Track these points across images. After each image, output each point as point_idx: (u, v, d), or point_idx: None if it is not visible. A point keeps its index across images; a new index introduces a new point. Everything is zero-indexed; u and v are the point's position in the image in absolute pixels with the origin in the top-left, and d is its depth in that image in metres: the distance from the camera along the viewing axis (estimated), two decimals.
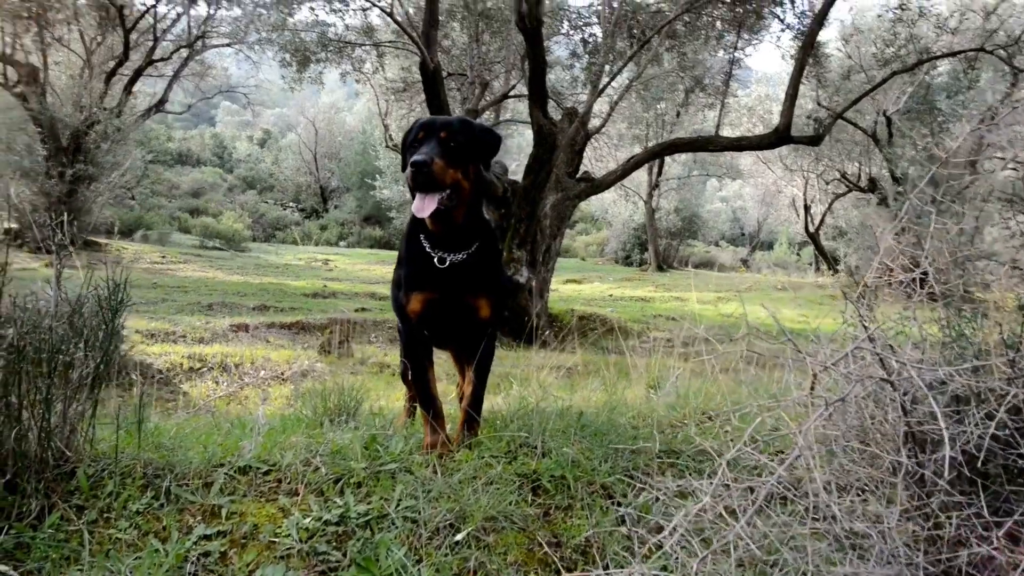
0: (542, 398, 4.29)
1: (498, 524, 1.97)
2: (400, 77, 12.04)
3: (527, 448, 2.52)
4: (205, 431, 2.67)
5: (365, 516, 1.90)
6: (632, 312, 12.52)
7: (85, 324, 2.04)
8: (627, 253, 31.51)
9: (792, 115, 8.29)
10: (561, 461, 2.37)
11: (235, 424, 2.81)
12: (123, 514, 1.84)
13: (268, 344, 7.03)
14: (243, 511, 1.90)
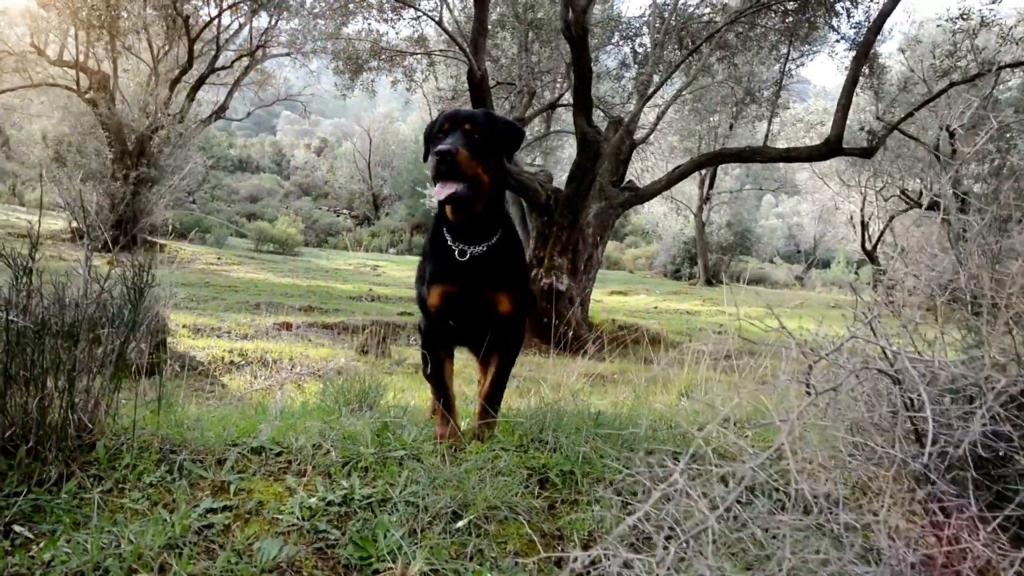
0: (565, 399, 4.28)
1: (501, 514, 1.97)
2: (450, 86, 12.20)
3: (539, 443, 2.51)
4: (227, 414, 2.74)
5: (368, 499, 1.92)
6: (675, 324, 12.36)
7: (112, 303, 2.12)
8: (676, 267, 31.15)
9: (844, 126, 8.10)
10: (571, 457, 2.35)
11: (257, 410, 2.88)
12: (137, 485, 1.90)
13: (309, 343, 7.18)
14: (251, 488, 1.94)
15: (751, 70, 11.06)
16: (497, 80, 11.64)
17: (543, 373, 6.58)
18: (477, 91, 8.56)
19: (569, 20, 7.70)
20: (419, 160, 29.79)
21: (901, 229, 25.65)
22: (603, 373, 6.83)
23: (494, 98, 11.36)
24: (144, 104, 16.35)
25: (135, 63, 17.26)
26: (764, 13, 8.87)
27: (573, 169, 8.61)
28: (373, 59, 11.19)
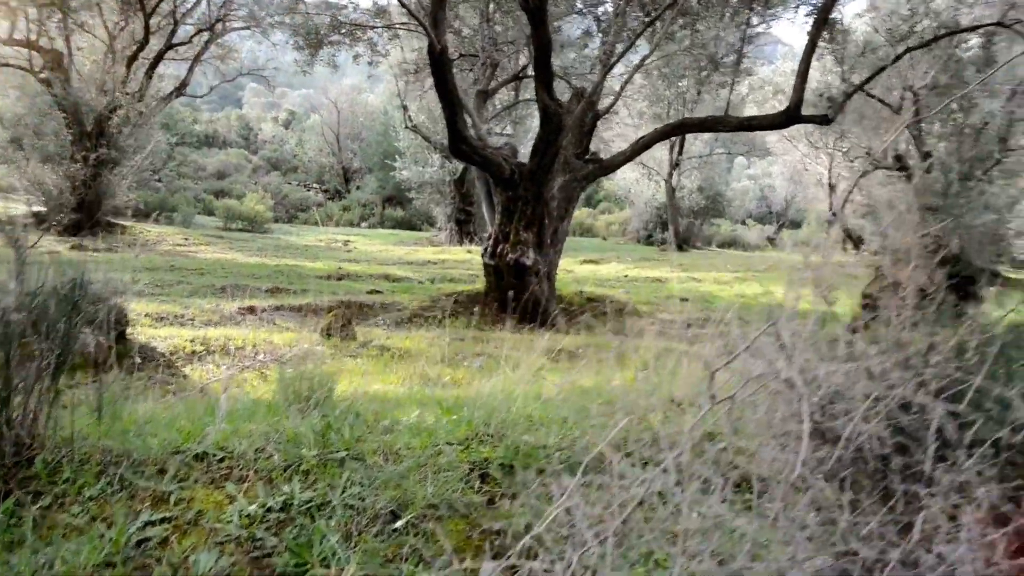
0: (523, 380, 4.33)
1: (440, 512, 2.02)
2: (412, 60, 12.03)
3: (484, 435, 2.57)
4: (174, 416, 2.76)
5: (308, 503, 1.96)
6: (645, 293, 12.48)
7: (45, 317, 2.11)
8: (649, 232, 31.27)
9: (803, 94, 8.15)
10: (511, 449, 2.41)
11: (207, 410, 2.89)
12: (77, 500, 1.92)
13: (274, 327, 7.16)
14: (192, 497, 1.97)
15: (716, 35, 11.04)
16: (460, 52, 11.50)
17: (508, 350, 6.64)
18: (438, 66, 8.45)
19: None
20: (389, 132, 29.44)
21: (870, 188, 25.96)
22: (569, 348, 6.91)
23: (457, 70, 11.24)
24: (101, 83, 15.92)
25: (90, 40, 16.76)
26: None
27: (536, 142, 8.59)
28: (333, 33, 11.00)
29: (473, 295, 9.16)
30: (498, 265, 8.85)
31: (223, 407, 2.46)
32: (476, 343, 7.18)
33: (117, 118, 15.67)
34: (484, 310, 8.84)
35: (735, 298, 12.72)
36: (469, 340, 7.35)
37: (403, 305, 8.77)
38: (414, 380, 5.20)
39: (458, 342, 7.26)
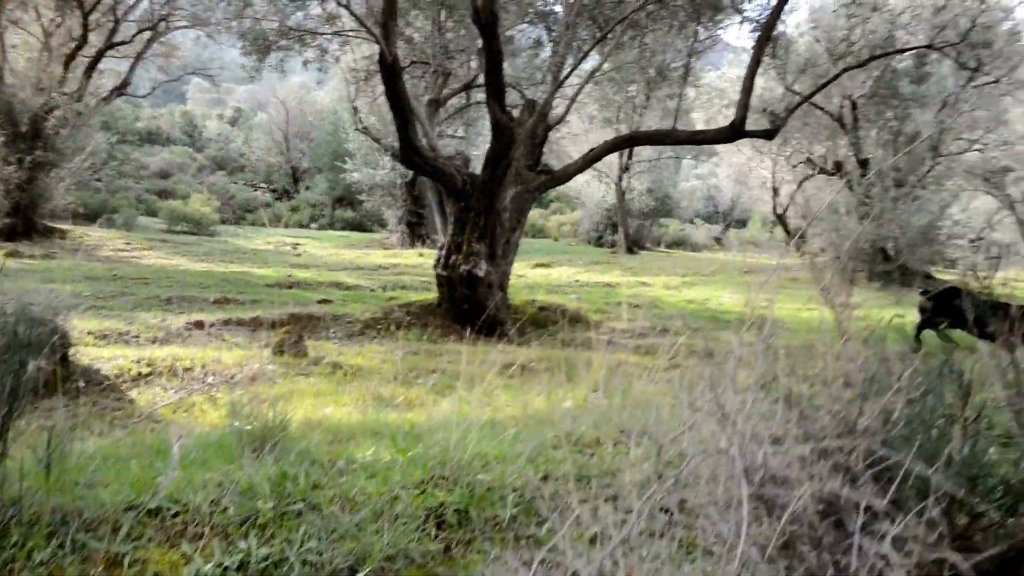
0: (480, 404, 4.38)
1: (397, 564, 2.06)
2: (363, 67, 11.93)
3: (439, 477, 2.61)
4: (125, 457, 2.73)
5: (265, 561, 1.97)
6: (596, 299, 12.65)
7: None
8: (599, 233, 31.62)
9: (747, 110, 8.39)
10: (465, 493, 2.46)
11: (158, 453, 2.86)
12: (27, 565, 1.90)
13: (223, 343, 7.05)
14: (146, 558, 1.96)
15: (662, 47, 11.26)
16: (411, 59, 11.46)
17: (461, 365, 6.67)
18: (389, 75, 8.43)
19: (478, 6, 7.65)
20: (339, 132, 29.06)
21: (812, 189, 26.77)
22: (522, 362, 6.97)
23: (408, 76, 11.20)
24: (37, 82, 15.35)
25: (24, 37, 16.13)
26: None
27: (488, 155, 8.64)
28: (282, 38, 10.84)
29: (425, 306, 9.17)
30: (450, 276, 8.87)
31: (176, 456, 2.45)
32: (429, 358, 7.19)
33: (54, 119, 15.12)
34: (437, 321, 8.86)
35: (683, 304, 13.01)
36: (422, 354, 7.37)
37: (354, 317, 8.71)
38: (368, 401, 5.20)
39: (411, 356, 7.26)
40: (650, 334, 9.18)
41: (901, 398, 1.71)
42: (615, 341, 8.83)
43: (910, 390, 1.70)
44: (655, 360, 7.27)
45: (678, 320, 10.20)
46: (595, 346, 8.36)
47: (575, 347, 8.59)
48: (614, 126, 23.62)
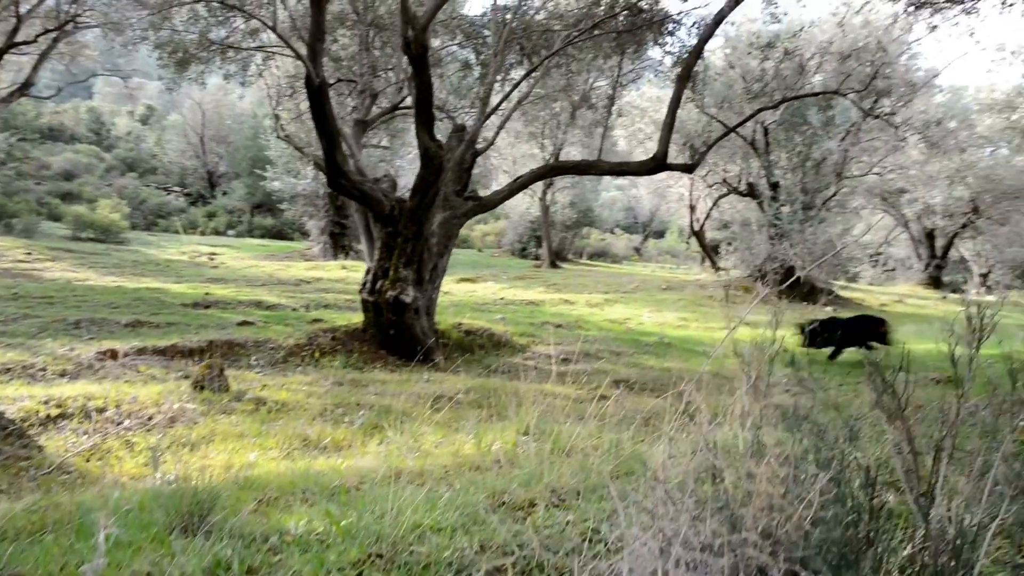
0: (409, 451, 4.40)
1: None
2: (288, 84, 11.70)
3: (375, 555, 2.62)
4: (40, 535, 2.62)
5: None
6: (521, 319, 12.80)
7: None
8: (523, 245, 31.97)
9: (668, 144, 8.69)
10: (403, 573, 2.48)
11: (80, 531, 2.77)
12: None
13: (138, 376, 6.79)
14: None
15: (587, 75, 11.54)
16: (337, 77, 11.33)
17: (388, 398, 6.65)
18: (316, 98, 8.32)
19: (409, 37, 7.66)
20: (259, 136, 28.33)
21: (726, 205, 27.87)
22: (450, 394, 7.00)
23: (334, 93, 11.07)
24: None
25: None
26: (600, 31, 9.26)
27: (417, 182, 8.64)
28: (202, 51, 10.53)
29: (351, 331, 9.07)
30: (377, 302, 8.82)
31: (101, 544, 2.38)
32: (356, 389, 7.13)
33: None
34: (362, 347, 8.78)
35: (606, 323, 13.32)
36: (348, 385, 7.30)
37: (277, 343, 8.54)
38: (294, 443, 5.13)
39: (337, 387, 7.18)
40: (575, 359, 9.36)
41: (815, 509, 1.86)
42: (541, 367, 8.97)
43: (824, 502, 1.86)
44: (581, 390, 7.45)
45: (601, 344, 10.45)
46: (521, 373, 8.48)
47: (502, 374, 8.70)
48: (539, 140, 24.00)
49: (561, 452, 4.47)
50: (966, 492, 2.50)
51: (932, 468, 2.56)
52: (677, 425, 4.64)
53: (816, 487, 1.85)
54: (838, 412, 2.62)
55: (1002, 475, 2.46)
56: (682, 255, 48.64)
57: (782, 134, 19.31)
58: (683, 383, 7.76)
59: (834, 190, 20.21)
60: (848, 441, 2.50)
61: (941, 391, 6.80)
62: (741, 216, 25.57)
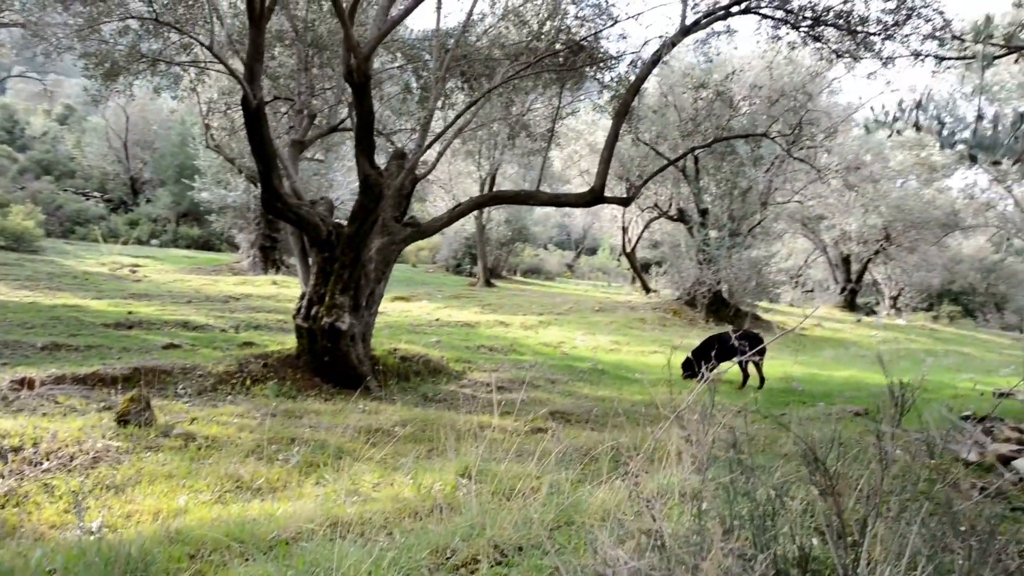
0: (347, 495, 4.36)
1: None
2: (222, 99, 11.41)
3: None
4: None
5: None
6: (457, 342, 12.81)
7: None
8: (458, 262, 31.97)
9: (606, 178, 8.90)
10: None
11: None
12: None
13: (57, 407, 6.47)
14: None
15: (525, 104, 11.71)
16: (274, 95, 11.15)
17: (323, 432, 6.55)
18: (253, 120, 8.15)
19: (351, 65, 7.62)
20: (187, 144, 27.45)
21: (657, 226, 28.63)
22: (387, 427, 6.94)
23: (269, 110, 10.87)
24: None
25: None
26: (541, 65, 9.42)
27: (355, 209, 8.56)
28: (132, 64, 10.18)
29: (284, 358, 8.89)
30: (312, 328, 8.68)
31: None
32: (289, 420, 7.00)
33: None
34: (296, 375, 8.62)
35: (540, 347, 13.45)
36: (281, 416, 7.15)
37: (206, 369, 8.28)
38: (226, 484, 4.99)
39: (270, 418, 7.02)
40: (511, 387, 9.43)
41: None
42: (477, 396, 9.00)
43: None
44: (518, 422, 7.51)
45: (536, 370, 10.56)
46: (458, 402, 8.48)
47: (438, 402, 8.68)
48: (476, 160, 24.13)
49: (501, 496, 4.52)
50: (890, 547, 2.68)
51: (859, 534, 2.72)
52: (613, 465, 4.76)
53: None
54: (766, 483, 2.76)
55: (920, 539, 2.64)
56: (613, 272, 49.65)
57: (711, 163, 20.01)
58: (615, 416, 7.90)
59: (759, 218, 21.04)
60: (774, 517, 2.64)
61: (861, 427, 7.16)
62: (671, 238, 26.34)
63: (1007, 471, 5.57)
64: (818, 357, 15.94)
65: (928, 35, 8.53)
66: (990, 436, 6.51)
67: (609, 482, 4.46)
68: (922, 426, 6.60)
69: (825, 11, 8.99)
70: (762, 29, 9.51)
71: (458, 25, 11.05)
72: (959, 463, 5.90)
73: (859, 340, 20.96)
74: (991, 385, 11.76)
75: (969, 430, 6.65)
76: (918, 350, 19.36)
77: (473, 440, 6.14)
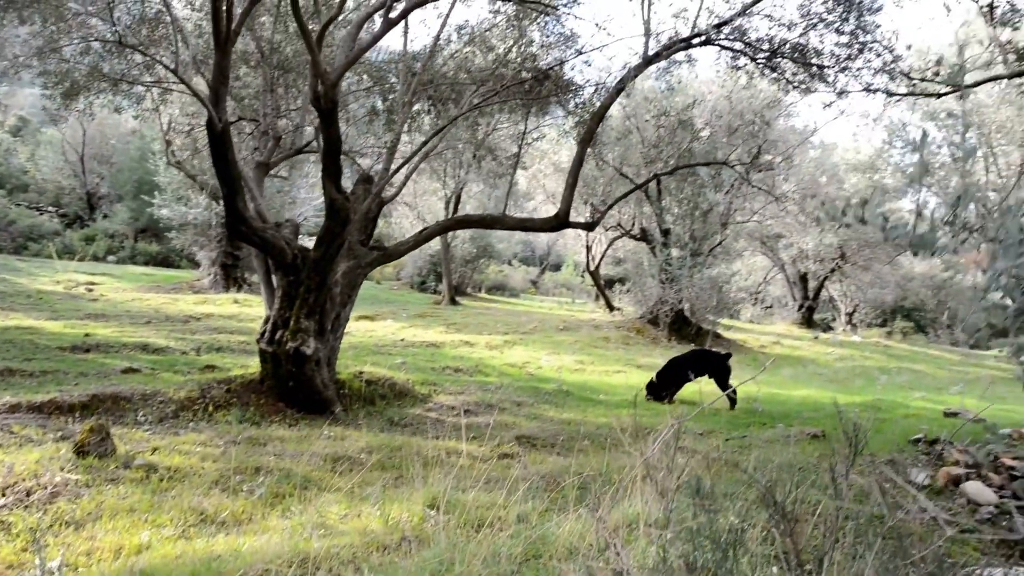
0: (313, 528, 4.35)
1: None
2: (186, 120, 11.30)
3: None
4: None
5: None
6: (422, 363, 12.79)
7: None
8: (423, 279, 31.90)
9: (571, 203, 9.03)
10: None
11: None
12: None
13: (12, 437, 6.32)
14: None
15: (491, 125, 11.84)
16: (238, 115, 11.09)
17: (288, 460, 6.50)
18: (218, 143, 8.11)
19: (319, 92, 7.64)
20: (146, 160, 27.01)
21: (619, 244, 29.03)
22: (353, 454, 6.91)
23: (234, 131, 10.80)
24: None
25: None
26: (508, 92, 9.56)
27: (322, 233, 8.55)
28: (93, 83, 10.05)
29: (247, 382, 8.79)
30: (276, 352, 8.61)
31: None
32: (254, 448, 6.93)
33: None
34: (259, 400, 8.54)
35: (506, 368, 13.51)
36: (245, 444, 7.07)
37: (167, 395, 8.15)
38: (190, 518, 4.93)
39: (234, 446, 6.94)
40: (478, 411, 9.47)
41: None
42: (443, 420, 9.01)
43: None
44: (484, 447, 7.55)
45: (502, 392, 10.61)
46: (425, 427, 8.48)
47: (404, 427, 8.67)
48: (441, 178, 24.19)
49: (470, 527, 4.56)
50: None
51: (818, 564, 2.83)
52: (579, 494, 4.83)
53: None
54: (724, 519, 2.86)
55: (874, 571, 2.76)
56: (577, 288, 50.04)
57: (674, 184, 20.39)
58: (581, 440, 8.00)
59: (720, 238, 21.47)
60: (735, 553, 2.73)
61: (818, 449, 7.35)
62: (635, 255, 26.71)
63: (956, 494, 5.79)
64: (777, 376, 16.27)
65: (879, 69, 8.87)
66: (939, 459, 6.75)
67: (576, 513, 4.53)
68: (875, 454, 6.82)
69: (782, 43, 9.29)
70: (722, 59, 9.79)
71: (424, 48, 11.17)
72: (912, 486, 6.11)
73: (816, 358, 21.46)
74: (941, 404, 12.16)
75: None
76: (872, 367, 19.88)
77: (440, 468, 6.18)
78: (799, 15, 8.96)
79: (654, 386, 10.75)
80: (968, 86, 6.94)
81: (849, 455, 2.79)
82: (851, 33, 8.99)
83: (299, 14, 7.07)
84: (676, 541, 2.78)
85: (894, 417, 10.13)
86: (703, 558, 2.66)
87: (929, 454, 7.02)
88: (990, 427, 3.94)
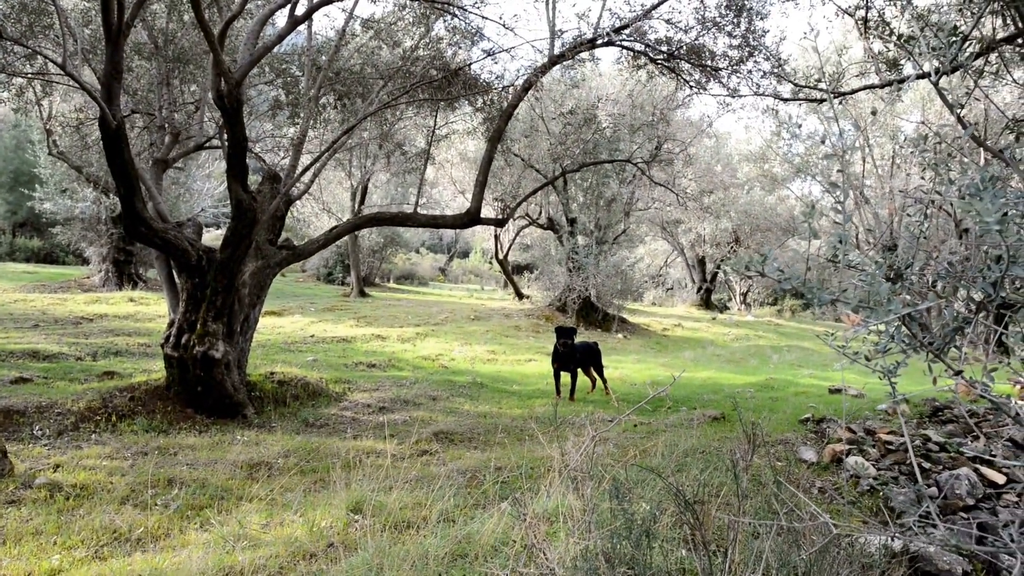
0: (236, 541, 4.36)
1: None
2: (75, 118, 10.65)
3: None
4: None
5: None
6: (334, 360, 12.67)
7: None
8: (329, 271, 31.32)
9: (482, 200, 9.18)
10: None
11: None
12: None
13: None
14: None
15: (398, 122, 11.80)
16: (132, 109, 10.59)
17: (202, 469, 6.37)
18: (113, 141, 7.76)
19: (222, 91, 7.45)
20: (21, 148, 25.18)
21: (527, 231, 29.47)
22: (269, 459, 6.85)
23: (129, 125, 10.32)
24: None
25: None
26: (416, 91, 9.57)
27: (228, 235, 8.34)
28: None
29: (152, 389, 8.50)
30: (183, 357, 8.37)
31: None
32: (164, 459, 6.75)
33: None
34: (166, 407, 8.29)
35: (419, 361, 13.57)
36: (154, 454, 6.89)
37: (65, 406, 7.79)
38: (103, 538, 4.81)
39: (141, 456, 6.75)
40: (393, 408, 9.52)
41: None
42: (359, 418, 9.02)
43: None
44: (402, 445, 7.63)
45: (417, 387, 10.69)
46: (340, 426, 8.47)
47: (319, 428, 8.62)
48: (346, 169, 23.80)
49: (394, 528, 4.67)
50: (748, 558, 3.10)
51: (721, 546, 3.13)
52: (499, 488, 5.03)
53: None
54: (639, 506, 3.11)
55: (772, 554, 3.08)
56: (486, 275, 50.34)
57: (578, 175, 20.89)
58: (498, 433, 8.24)
59: (623, 226, 22.18)
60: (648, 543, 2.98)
61: (719, 432, 7.84)
62: (542, 243, 27.18)
63: (841, 469, 6.36)
64: (679, 359, 17.05)
65: (767, 72, 9.45)
66: (824, 437, 7.37)
67: (498, 508, 4.72)
68: (769, 435, 7.36)
69: (679, 45, 9.73)
70: (623, 59, 10.15)
71: (328, 41, 11.01)
72: (802, 464, 6.66)
73: (715, 339, 22.57)
74: (827, 380, 13.14)
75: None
76: (765, 347, 21.11)
77: (361, 469, 6.24)
78: (695, 19, 9.40)
79: (560, 354, 10.38)
80: (843, 94, 7.56)
81: (748, 448, 3.06)
82: (742, 36, 9.54)
83: (199, 11, 6.85)
84: (596, 538, 3.00)
85: (785, 395, 10.90)
86: (620, 551, 2.89)
87: (817, 432, 7.64)
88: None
